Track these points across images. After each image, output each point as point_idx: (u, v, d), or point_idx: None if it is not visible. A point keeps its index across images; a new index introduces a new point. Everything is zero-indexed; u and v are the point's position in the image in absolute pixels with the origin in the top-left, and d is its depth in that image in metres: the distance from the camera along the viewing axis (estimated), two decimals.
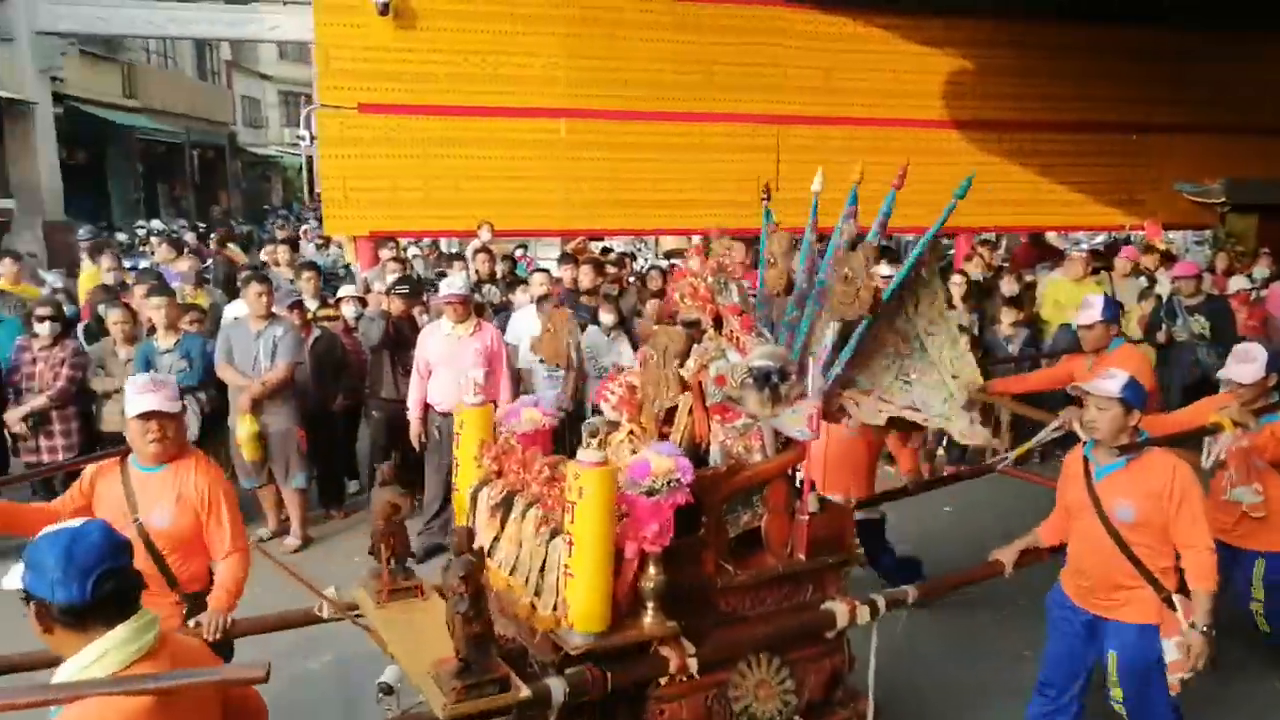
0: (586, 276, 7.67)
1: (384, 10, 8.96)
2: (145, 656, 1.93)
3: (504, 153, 9.70)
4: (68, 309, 7.05)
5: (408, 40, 9.23)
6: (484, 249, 8.59)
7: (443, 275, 8.21)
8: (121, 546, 1.98)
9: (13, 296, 7.49)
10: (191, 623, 3.21)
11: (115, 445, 5.84)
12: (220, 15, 18.14)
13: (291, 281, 8.05)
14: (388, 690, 3.00)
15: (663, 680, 2.87)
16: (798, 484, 3.19)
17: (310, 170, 33.44)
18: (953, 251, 12.54)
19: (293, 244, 10.99)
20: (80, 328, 7.09)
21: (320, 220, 23.16)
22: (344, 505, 6.68)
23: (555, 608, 2.70)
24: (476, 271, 8.30)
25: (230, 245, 12.08)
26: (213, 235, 14.20)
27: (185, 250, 9.83)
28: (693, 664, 2.89)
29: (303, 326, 6.31)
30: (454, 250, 10.54)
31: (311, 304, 6.87)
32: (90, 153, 21.05)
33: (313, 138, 32.70)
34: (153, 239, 13.92)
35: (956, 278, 8.19)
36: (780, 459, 3.15)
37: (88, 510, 3.34)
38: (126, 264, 10.05)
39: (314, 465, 6.38)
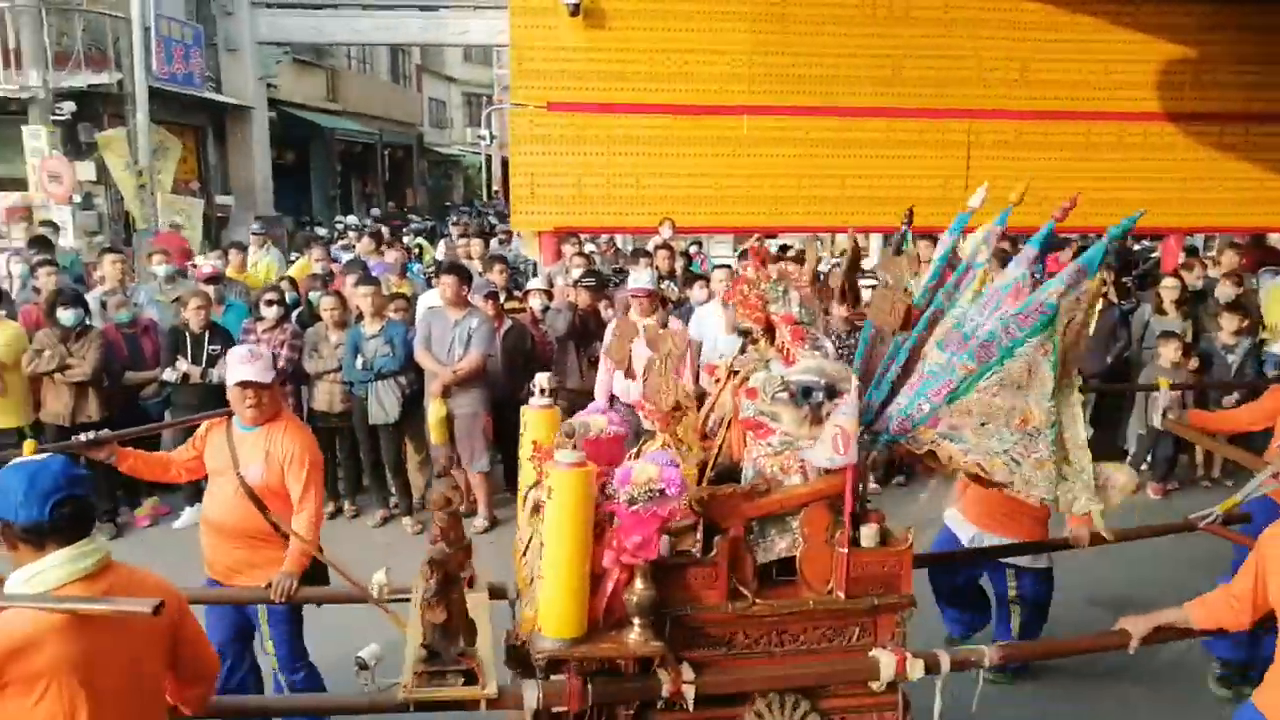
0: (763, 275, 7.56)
1: (574, 11, 9.21)
2: (79, 580, 2.12)
3: (686, 150, 9.79)
4: (289, 296, 7.59)
5: (596, 40, 9.44)
6: (665, 245, 8.66)
7: (620, 272, 8.38)
8: (79, 479, 2.19)
9: (239, 283, 8.15)
10: (264, 585, 3.45)
11: (324, 422, 6.41)
12: (414, 21, 19.11)
13: (481, 273, 8.39)
14: (363, 665, 2.98)
15: (664, 706, 2.69)
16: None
17: (489, 168, 34.84)
18: (1157, 254, 11.67)
19: (484, 238, 11.43)
20: (296, 314, 7.63)
21: (499, 216, 24.11)
22: None
23: (536, 611, 2.62)
24: (657, 268, 8.38)
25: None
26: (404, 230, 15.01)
27: (383, 244, 10.40)
28: (689, 690, 2.68)
29: (496, 317, 6.55)
30: (630, 247, 10.69)
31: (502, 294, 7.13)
32: (296, 152, 22.67)
33: (492, 137, 33.93)
34: (350, 233, 14.82)
35: (1169, 281, 7.60)
36: (816, 485, 2.81)
37: (198, 462, 3.80)
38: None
39: (499, 450, 6.62)
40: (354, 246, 11.52)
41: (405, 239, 14.76)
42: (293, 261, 11.04)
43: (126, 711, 2.19)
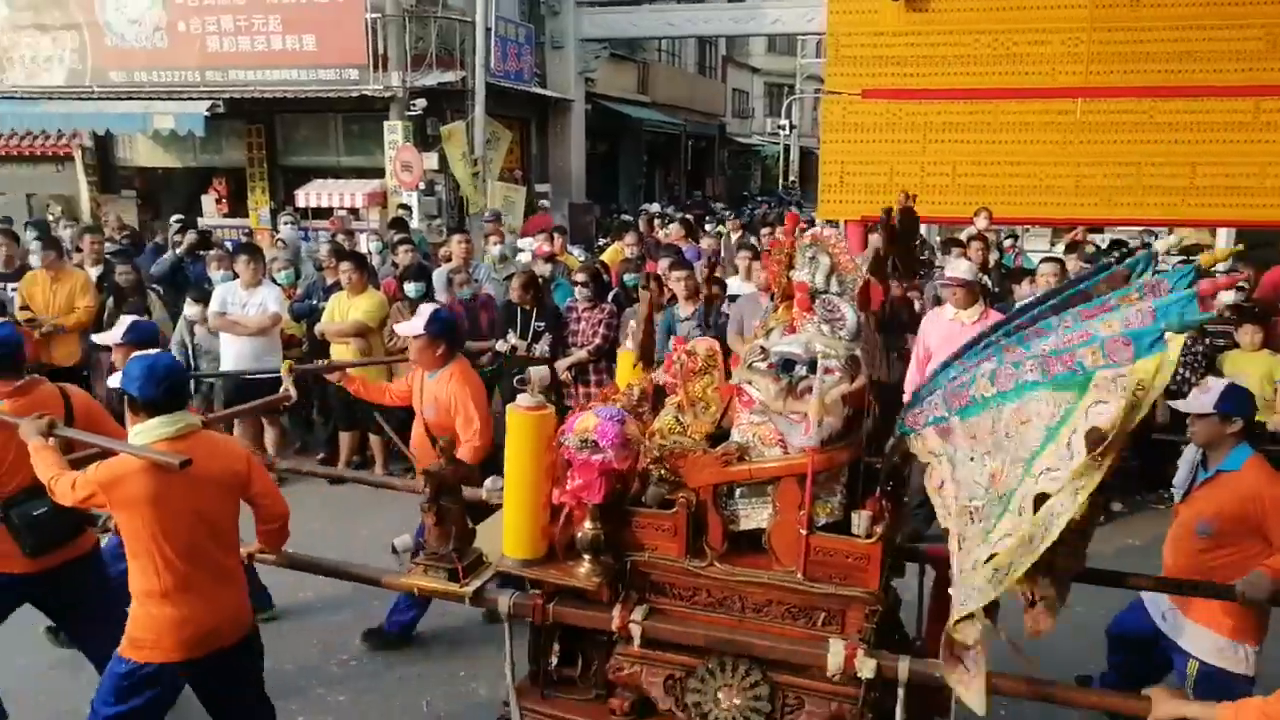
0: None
1: None
2: (167, 439, 2.95)
3: (1007, 137, 9.20)
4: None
5: (917, 24, 9.11)
6: (979, 236, 8.20)
7: (927, 263, 8.05)
8: (178, 370, 3.16)
9: (561, 264, 8.76)
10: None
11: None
12: (724, 13, 19.44)
13: None
14: (394, 550, 3.46)
15: (624, 641, 2.87)
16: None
17: (787, 158, 34.64)
18: None
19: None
20: (611, 295, 8.07)
21: (797, 206, 24.00)
22: None
23: None
24: (969, 259, 7.98)
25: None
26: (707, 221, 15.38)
27: (689, 232, 10.74)
28: (635, 630, 2.83)
29: None
30: (937, 238, 10.24)
31: None
32: (608, 143, 23.91)
33: (792, 127, 33.72)
34: (655, 220, 15.41)
35: None
36: (785, 461, 2.69)
37: (409, 393, 4.65)
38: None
39: None
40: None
41: (708, 227, 15.11)
42: (602, 248, 11.70)
43: (191, 541, 2.93)
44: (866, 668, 2.62)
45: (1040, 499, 2.22)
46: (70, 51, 15.57)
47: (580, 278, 7.16)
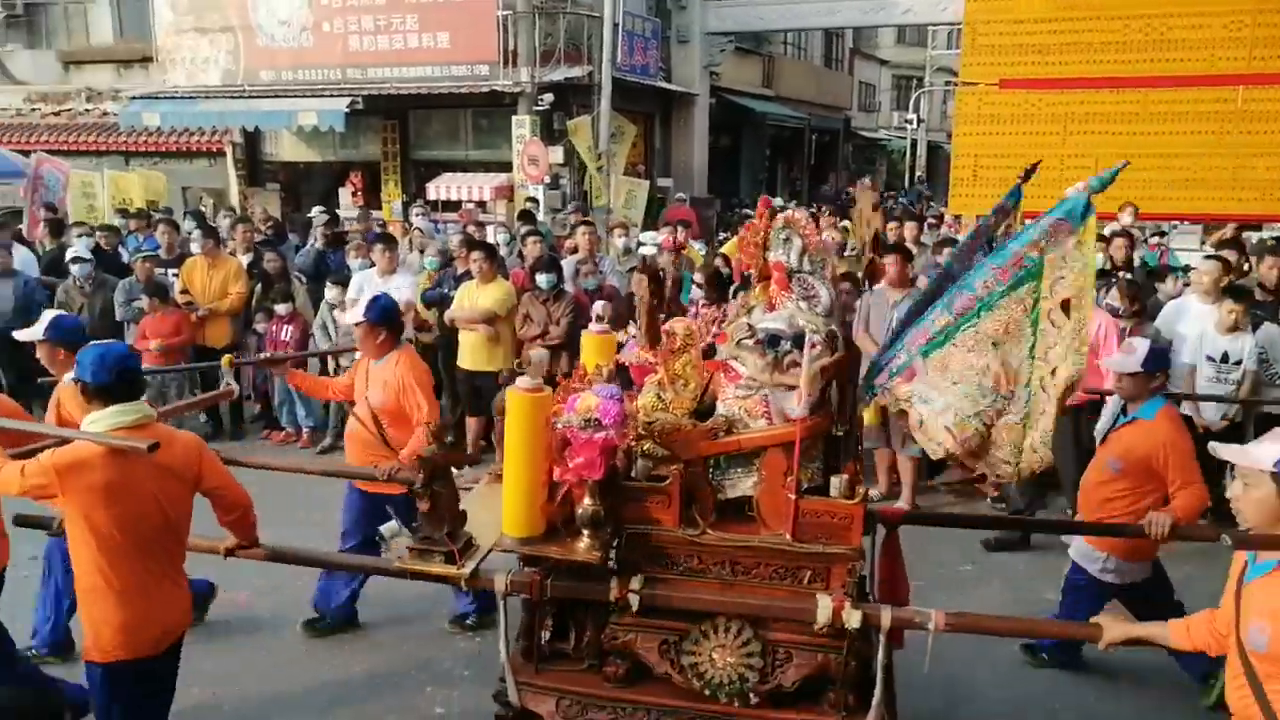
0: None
1: None
2: (123, 428, 2.93)
3: (1157, 127, 8.73)
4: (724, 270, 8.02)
5: (1061, 9, 8.74)
6: (1124, 233, 7.81)
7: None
8: (131, 357, 3.11)
9: (686, 258, 8.78)
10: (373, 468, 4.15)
11: None
12: (853, 4, 19.04)
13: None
14: (381, 538, 3.47)
15: (622, 610, 2.99)
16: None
17: (914, 153, 33.76)
18: None
19: (919, 220, 11.16)
20: (732, 289, 8.04)
21: (919, 200, 23.30)
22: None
23: None
24: (1110, 257, 7.60)
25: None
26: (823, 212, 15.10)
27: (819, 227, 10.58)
28: (634, 599, 2.96)
29: None
30: None
31: None
32: (730, 137, 23.80)
33: (920, 120, 32.80)
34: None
35: None
36: (771, 431, 2.90)
37: (350, 387, 4.68)
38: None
39: None
40: None
41: (823, 220, 14.85)
42: (721, 243, 11.67)
43: (149, 534, 2.94)
44: (853, 619, 2.84)
45: (1053, 373, 2.68)
46: (225, 53, 16.53)
47: (698, 278, 7.17)
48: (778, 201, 19.64)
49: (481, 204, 14.41)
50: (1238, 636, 2.51)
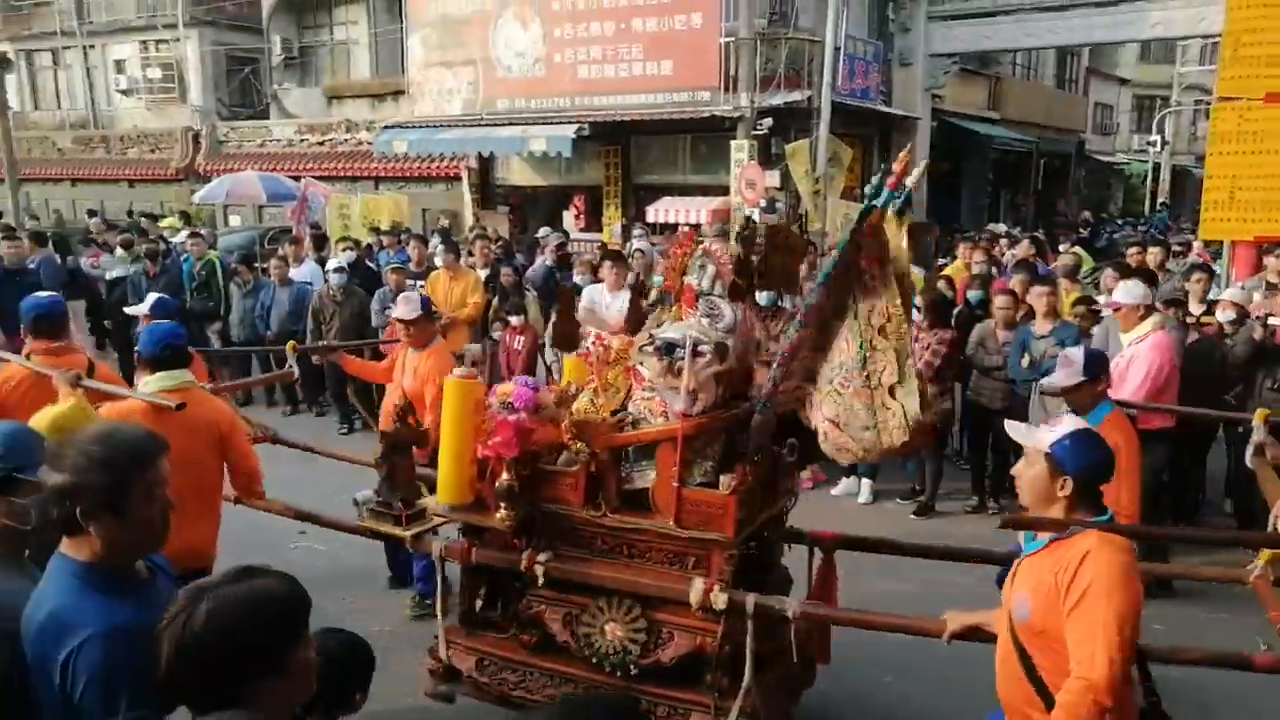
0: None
1: None
2: (169, 390, 3.61)
3: None
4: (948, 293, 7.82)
5: None
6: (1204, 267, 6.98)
7: None
8: (176, 335, 3.87)
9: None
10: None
11: (980, 417, 6.51)
12: (1093, 19, 17.98)
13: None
14: (355, 502, 3.84)
15: (533, 583, 3.39)
16: None
17: (1156, 177, 31.32)
18: None
19: (1165, 247, 10.40)
20: (954, 311, 7.82)
21: (1167, 227, 21.57)
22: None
23: None
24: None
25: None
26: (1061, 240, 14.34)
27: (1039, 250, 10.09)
28: (539, 570, 3.35)
29: (1185, 328, 5.95)
30: None
31: (1197, 307, 6.43)
32: (951, 161, 23.01)
33: (1164, 142, 30.38)
34: (1001, 240, 14.60)
35: None
36: (660, 428, 3.27)
37: (391, 370, 5.37)
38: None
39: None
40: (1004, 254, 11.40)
41: (1061, 247, 14.08)
42: (941, 268, 11.31)
43: (182, 483, 2.90)
44: (720, 600, 3.14)
45: (881, 331, 3.13)
46: (466, 84, 17.83)
47: (918, 301, 7.02)
48: (1001, 227, 18.90)
49: (697, 227, 14.71)
50: (1009, 612, 2.64)
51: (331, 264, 9.16)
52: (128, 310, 5.59)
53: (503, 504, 3.34)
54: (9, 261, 10.11)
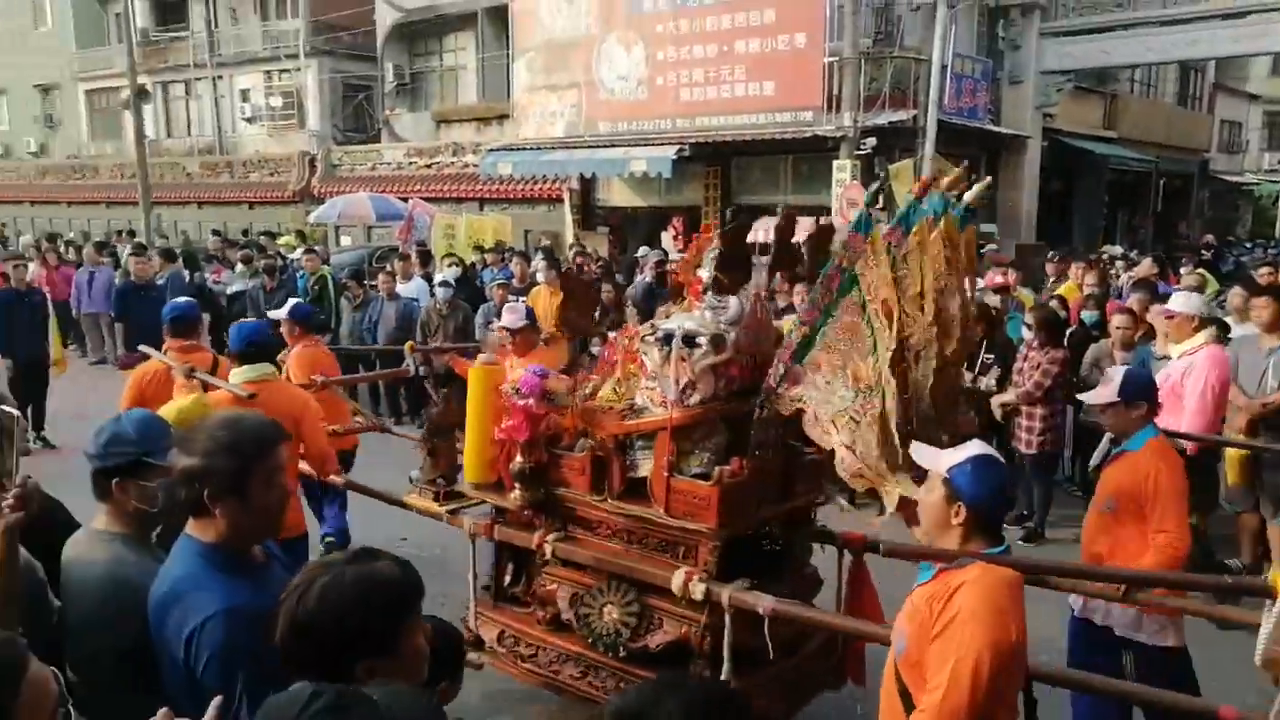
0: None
1: None
2: (251, 381, 4.21)
3: None
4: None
5: None
6: None
7: None
8: (259, 333, 4.50)
9: (1015, 299, 8.36)
10: None
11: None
12: (1221, 32, 17.17)
13: None
14: (410, 480, 4.14)
15: (548, 561, 3.57)
16: None
17: None
18: None
19: None
20: (1069, 333, 7.53)
21: None
22: None
23: None
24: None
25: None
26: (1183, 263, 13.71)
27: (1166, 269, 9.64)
28: (548, 548, 3.53)
29: None
30: None
31: None
32: (1063, 182, 22.26)
33: None
34: (1117, 263, 14.05)
35: None
36: (651, 419, 3.30)
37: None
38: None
39: None
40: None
41: (1182, 270, 13.44)
42: (1054, 286, 10.92)
43: None
44: (697, 590, 3.17)
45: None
46: (570, 107, 18.15)
47: (1029, 319, 6.81)
48: (1117, 249, 18.16)
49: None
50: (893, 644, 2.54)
51: (438, 278, 9.44)
52: (270, 314, 6.19)
53: (517, 485, 3.55)
54: (138, 276, 10.78)
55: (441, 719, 1.78)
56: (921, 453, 2.63)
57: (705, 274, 3.58)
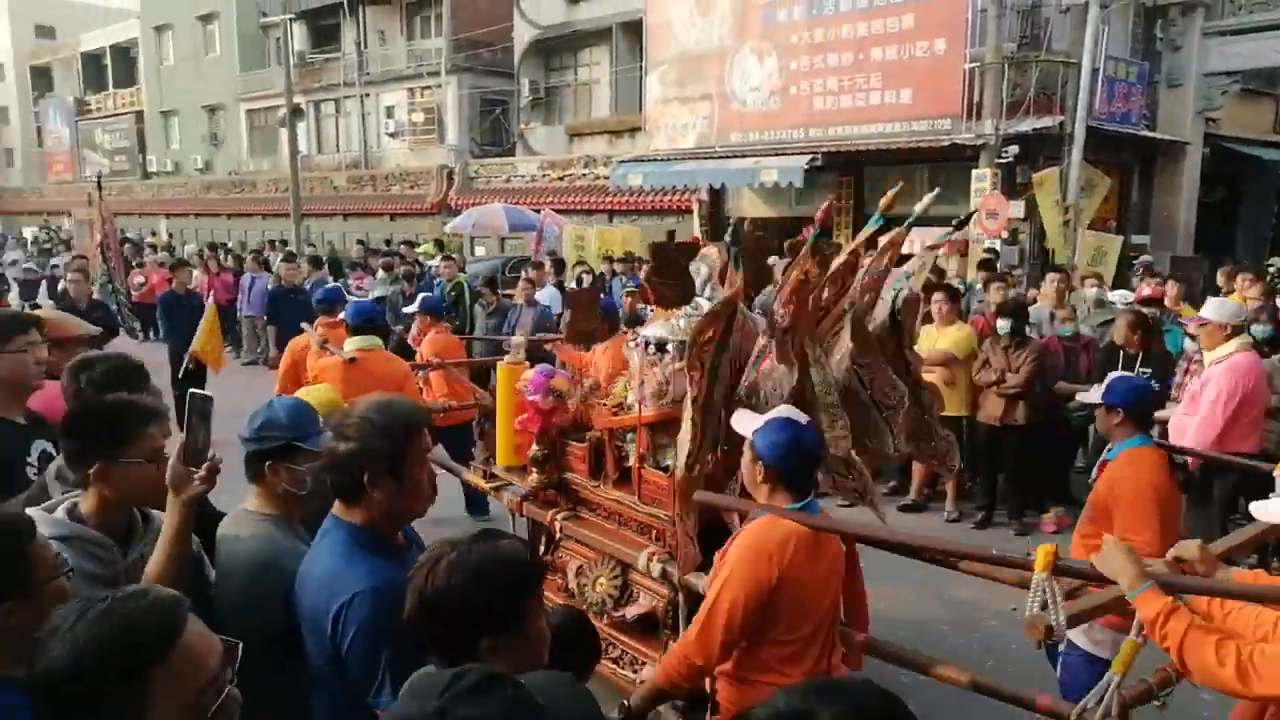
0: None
1: None
2: (358, 349, 5.30)
3: None
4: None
5: None
6: None
7: None
8: (373, 309, 5.84)
9: (1172, 312, 7.84)
10: None
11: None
12: None
13: None
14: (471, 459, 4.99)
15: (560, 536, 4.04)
16: None
17: None
18: None
19: None
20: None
21: None
22: None
23: None
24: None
25: None
26: None
27: None
28: (557, 526, 4.04)
29: None
30: None
31: None
32: (1226, 190, 20.83)
33: None
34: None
35: None
36: (630, 416, 3.71)
37: None
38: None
39: None
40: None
41: None
42: None
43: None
44: (655, 569, 3.56)
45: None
46: (702, 118, 18.18)
47: (1191, 329, 6.35)
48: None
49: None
50: None
51: (571, 286, 9.57)
52: (405, 310, 7.24)
53: (533, 469, 4.07)
54: (287, 281, 11.39)
55: (593, 706, 1.75)
56: (740, 420, 2.98)
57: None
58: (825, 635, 2.79)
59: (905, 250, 13.16)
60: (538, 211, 17.24)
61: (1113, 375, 4.01)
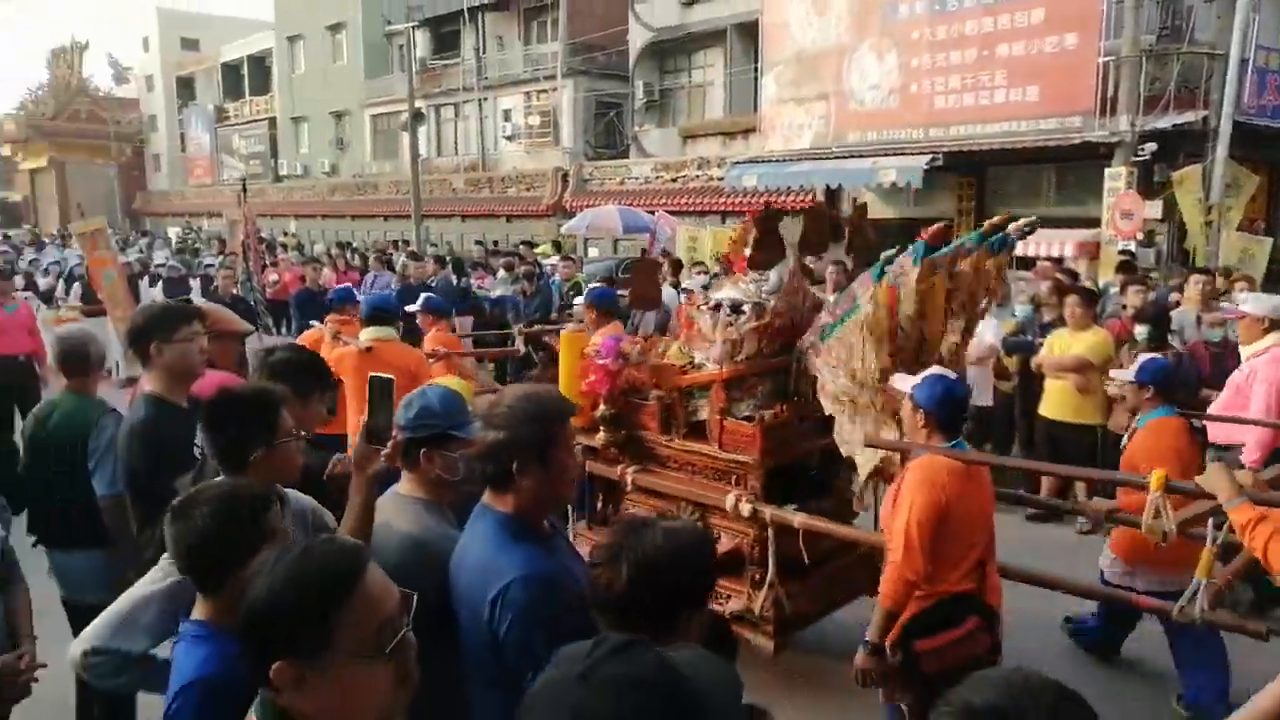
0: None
1: None
2: (372, 339, 5.45)
3: None
4: None
5: None
6: None
7: None
8: (386, 301, 6.08)
9: None
10: None
11: None
12: None
13: None
14: None
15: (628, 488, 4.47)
16: None
17: None
18: None
19: None
20: None
21: None
22: None
23: None
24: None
25: None
26: None
27: None
28: (629, 478, 4.43)
29: None
30: None
31: None
32: None
33: None
34: None
35: None
36: (706, 373, 4.11)
37: None
38: None
39: None
40: None
41: None
42: None
43: None
44: (745, 509, 3.94)
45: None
46: (818, 118, 17.96)
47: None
48: None
49: (1060, 260, 13.58)
50: None
51: (686, 284, 9.59)
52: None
53: (602, 428, 4.36)
54: (415, 278, 11.79)
55: (737, 686, 1.76)
56: (899, 380, 3.47)
57: (748, 251, 4.51)
58: (988, 552, 3.32)
59: (1026, 253, 12.72)
60: (651, 213, 17.34)
61: (1143, 357, 4.61)
